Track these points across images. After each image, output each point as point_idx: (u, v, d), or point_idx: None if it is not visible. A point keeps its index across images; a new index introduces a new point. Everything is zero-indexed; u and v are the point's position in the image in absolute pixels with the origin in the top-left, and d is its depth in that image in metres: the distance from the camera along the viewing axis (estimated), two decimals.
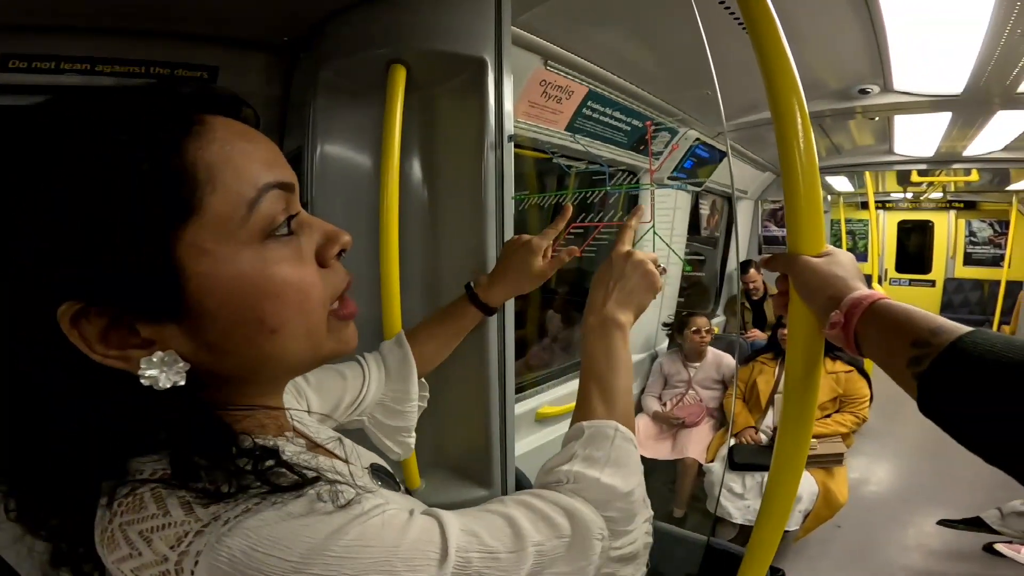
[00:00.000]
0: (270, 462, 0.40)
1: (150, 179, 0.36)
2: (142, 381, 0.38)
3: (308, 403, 0.77)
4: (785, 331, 0.75)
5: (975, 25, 1.62)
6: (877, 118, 2.61)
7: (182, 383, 0.40)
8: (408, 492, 0.63)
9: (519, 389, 2.10)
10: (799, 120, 0.64)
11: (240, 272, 0.39)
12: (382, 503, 0.41)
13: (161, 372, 0.39)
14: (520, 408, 2.00)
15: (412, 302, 1.10)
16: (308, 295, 0.43)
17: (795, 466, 0.74)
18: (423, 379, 0.95)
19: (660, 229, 0.91)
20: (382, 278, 0.99)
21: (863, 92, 2.13)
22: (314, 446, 0.54)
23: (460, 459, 1.18)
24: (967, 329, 0.49)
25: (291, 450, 0.45)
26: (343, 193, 1.12)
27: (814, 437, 2.40)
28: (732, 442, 2.62)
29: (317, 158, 1.10)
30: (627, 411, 0.65)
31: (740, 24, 1.52)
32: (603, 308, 0.71)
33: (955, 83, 2.11)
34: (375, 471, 0.60)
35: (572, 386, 2.29)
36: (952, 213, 6.36)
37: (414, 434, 0.93)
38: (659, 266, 0.76)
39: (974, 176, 4.79)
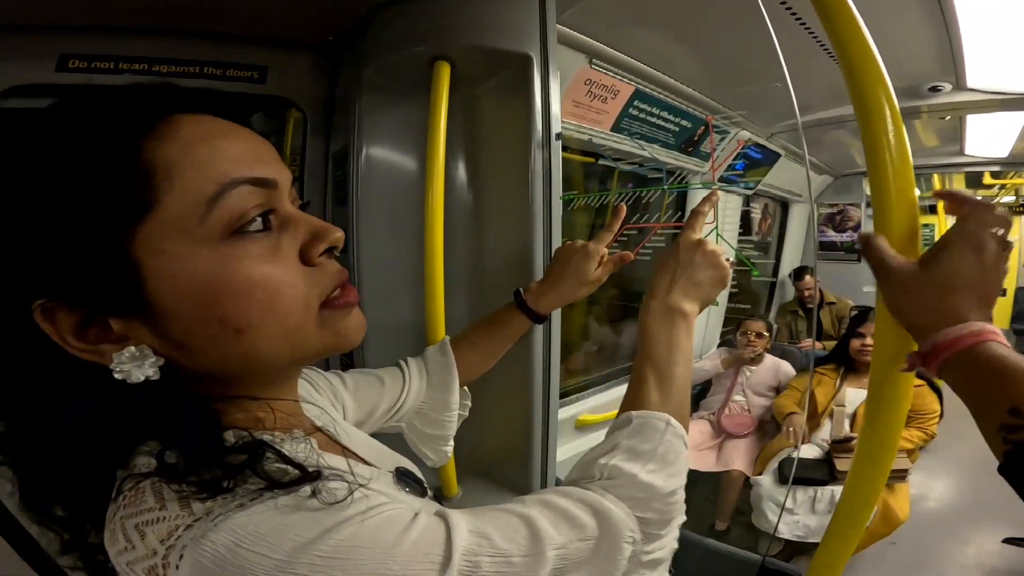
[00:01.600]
0: (268, 456, 0.39)
1: (104, 179, 0.37)
2: (115, 375, 0.39)
3: (344, 408, 0.76)
4: (861, 342, 0.68)
5: None
6: (948, 117, 2.45)
7: (155, 377, 0.40)
8: (437, 498, 0.60)
9: (560, 395, 2.06)
10: (888, 114, 0.58)
11: (198, 271, 0.38)
12: (384, 502, 0.39)
13: (133, 366, 0.39)
14: (560, 415, 1.95)
15: (457, 305, 1.07)
16: (281, 294, 0.41)
17: (869, 498, 0.68)
18: (465, 388, 0.92)
19: (726, 232, 0.85)
20: (426, 280, 0.97)
21: (934, 90, 2.01)
22: (329, 444, 0.53)
23: (500, 467, 1.15)
24: None
25: (294, 448, 0.43)
26: (388, 193, 1.11)
27: None
28: (789, 454, 2.49)
29: (362, 158, 1.10)
30: (682, 405, 0.60)
31: (796, 18, 1.46)
32: (668, 295, 0.66)
33: None
34: (401, 475, 0.57)
35: (613, 394, 2.25)
36: None
37: (452, 443, 0.91)
38: (730, 261, 0.72)
39: None
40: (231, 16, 1.22)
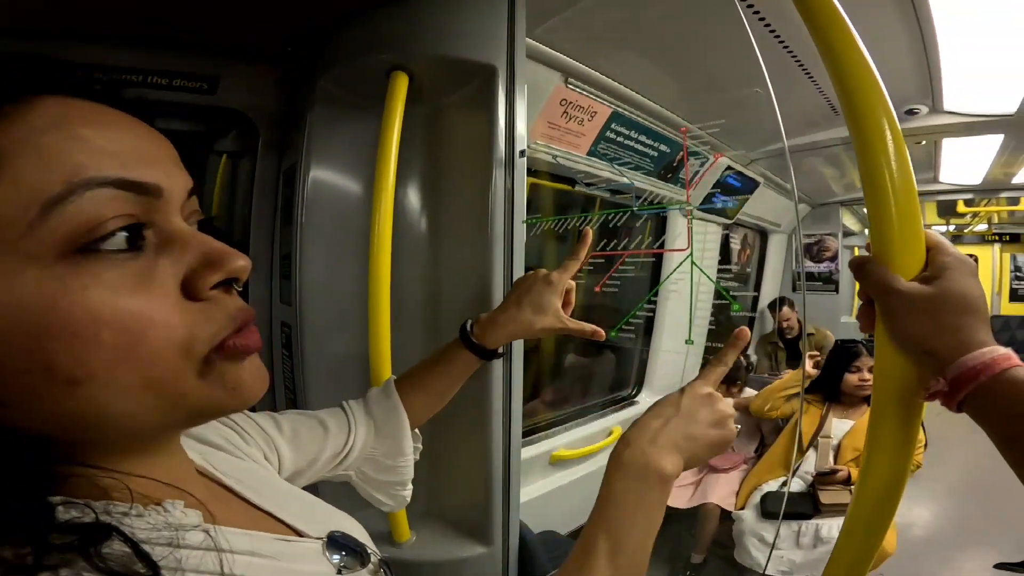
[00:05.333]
0: (112, 541, 0.28)
1: None
2: None
3: (280, 458, 0.65)
4: (859, 376, 0.59)
5: None
6: (924, 142, 2.45)
7: None
8: (388, 544, 0.50)
9: (534, 430, 1.96)
10: (890, 138, 0.53)
11: (19, 299, 0.28)
12: None
13: None
14: (534, 450, 1.85)
15: (408, 340, 0.99)
16: (141, 336, 0.30)
17: (868, 550, 0.60)
18: (416, 429, 0.82)
19: (705, 263, 0.76)
20: (370, 312, 0.88)
21: (910, 113, 1.99)
22: (238, 513, 0.43)
23: (458, 511, 1.05)
24: None
25: (153, 526, 0.32)
26: (337, 214, 1.03)
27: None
28: (767, 488, 2.41)
29: (310, 174, 1.01)
30: None
31: (779, 40, 1.42)
32: (650, 444, 0.54)
33: (1009, 101, 1.97)
34: (333, 543, 0.47)
35: (590, 428, 2.17)
36: (997, 247, 6.05)
37: (410, 486, 0.80)
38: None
39: (1023, 206, 4.55)
40: (181, 21, 1.14)
